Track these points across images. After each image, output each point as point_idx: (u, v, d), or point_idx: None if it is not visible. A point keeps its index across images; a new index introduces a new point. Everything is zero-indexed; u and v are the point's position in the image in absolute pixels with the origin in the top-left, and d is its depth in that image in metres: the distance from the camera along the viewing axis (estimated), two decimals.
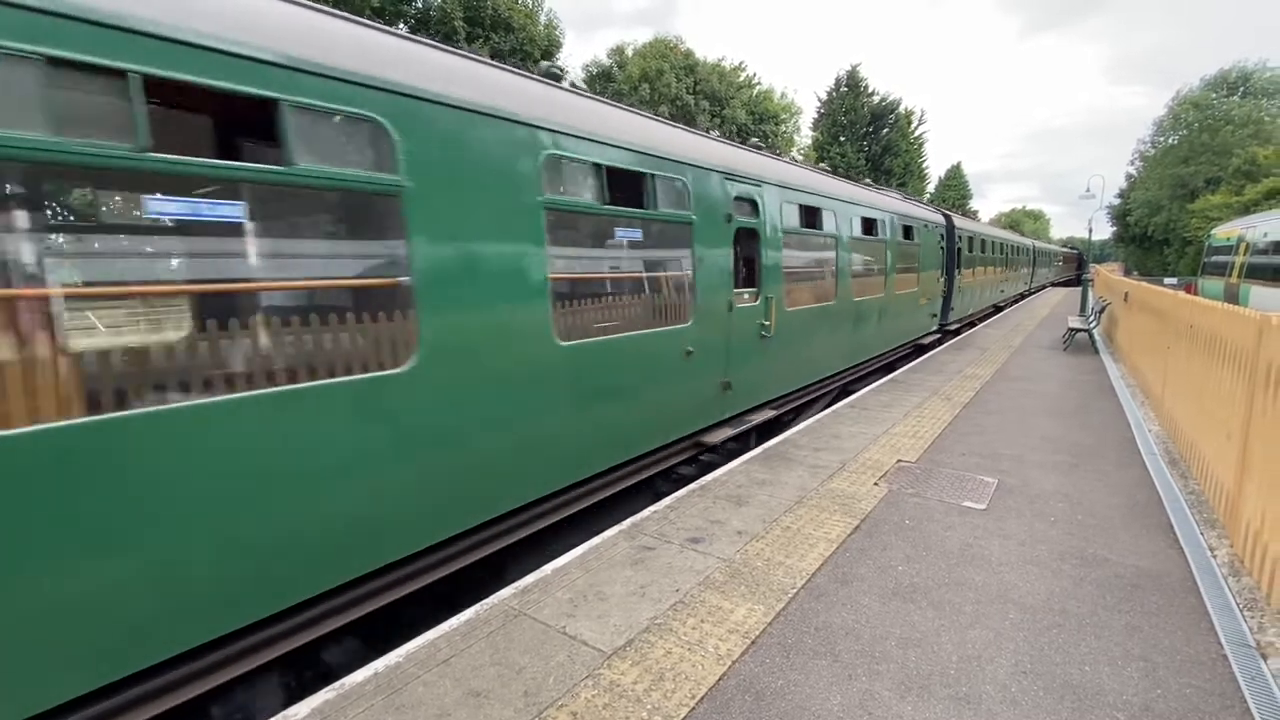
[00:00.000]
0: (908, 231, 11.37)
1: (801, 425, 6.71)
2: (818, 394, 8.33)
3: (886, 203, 10.82)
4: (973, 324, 17.86)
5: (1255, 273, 14.44)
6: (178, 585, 2.47)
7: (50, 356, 2.36)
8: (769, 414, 6.93)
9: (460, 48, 4.02)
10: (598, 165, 4.36)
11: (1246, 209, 27.90)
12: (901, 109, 45.55)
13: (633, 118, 5.21)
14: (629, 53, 29.99)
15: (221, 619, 2.61)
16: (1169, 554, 3.72)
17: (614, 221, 5.03)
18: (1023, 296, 29.41)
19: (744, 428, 6.42)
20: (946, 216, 15.00)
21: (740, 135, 32.49)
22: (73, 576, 2.21)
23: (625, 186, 4.72)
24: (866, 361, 9.97)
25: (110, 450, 2.27)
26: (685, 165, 5.29)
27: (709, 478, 5.14)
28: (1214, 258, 19.48)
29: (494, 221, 3.64)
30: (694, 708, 2.48)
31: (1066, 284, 44.72)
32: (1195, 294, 10.39)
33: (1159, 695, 2.52)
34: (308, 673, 3.17)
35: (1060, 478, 5.02)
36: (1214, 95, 43.28)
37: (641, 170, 4.80)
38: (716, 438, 5.94)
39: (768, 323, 6.56)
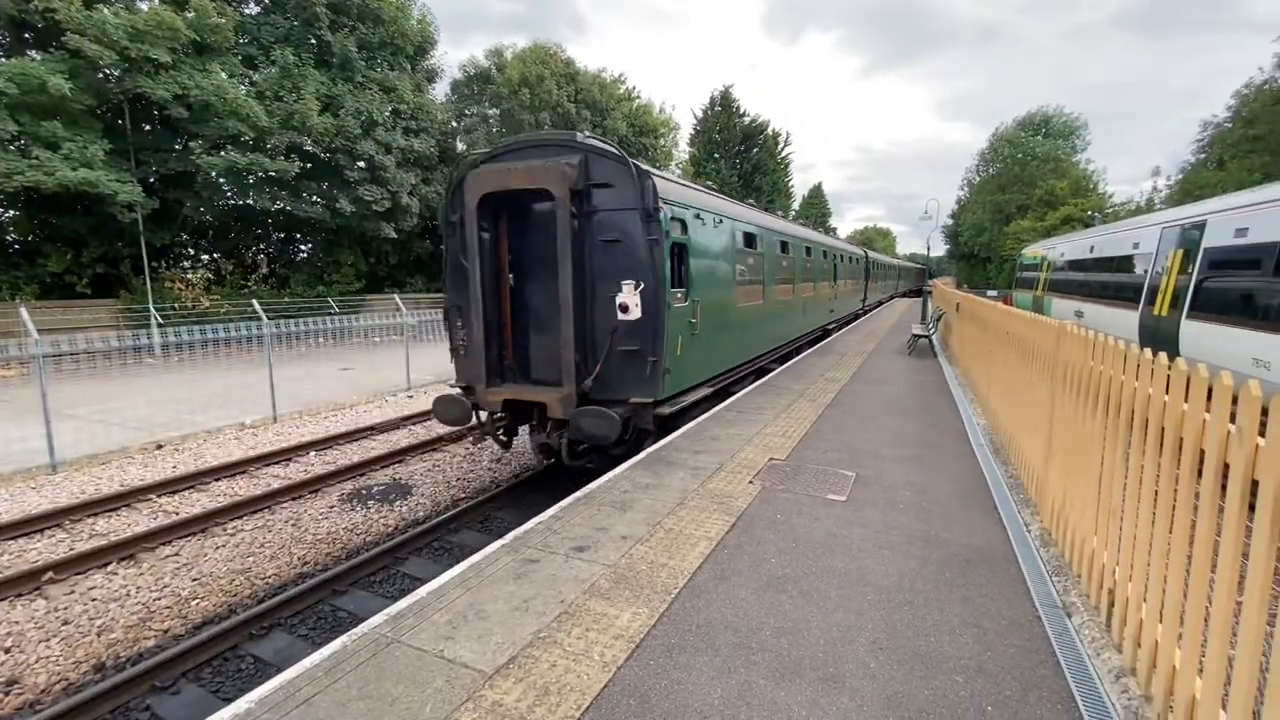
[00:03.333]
0: (856, 260, 24.37)
1: (682, 429, 6.92)
2: (838, 322, 19.95)
3: (851, 249, 24.52)
4: (870, 310, 29.47)
5: (1055, 287, 16.99)
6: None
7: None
8: (858, 316, 24.18)
9: (324, 36, 3.84)
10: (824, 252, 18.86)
11: (1048, 232, 32.82)
12: (770, 130, 48.64)
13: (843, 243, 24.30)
14: (508, 55, 29.40)
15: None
16: (994, 531, 4.25)
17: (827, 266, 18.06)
18: (893, 296, 43.39)
19: (859, 318, 23.93)
20: (865, 252, 28.08)
21: (622, 147, 32.99)
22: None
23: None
24: (847, 314, 21.90)
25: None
26: (861, 256, 25.15)
27: (594, 485, 5.14)
28: (1024, 274, 22.68)
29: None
30: (579, 719, 2.46)
31: (918, 292, 50.27)
32: (1011, 305, 12.03)
33: (989, 657, 2.86)
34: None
35: (908, 469, 5.58)
36: (1023, 134, 50.54)
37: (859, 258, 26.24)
38: (860, 314, 25.13)
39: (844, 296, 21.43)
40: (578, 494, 4.93)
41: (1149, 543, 2.59)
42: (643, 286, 6.10)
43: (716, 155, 47.25)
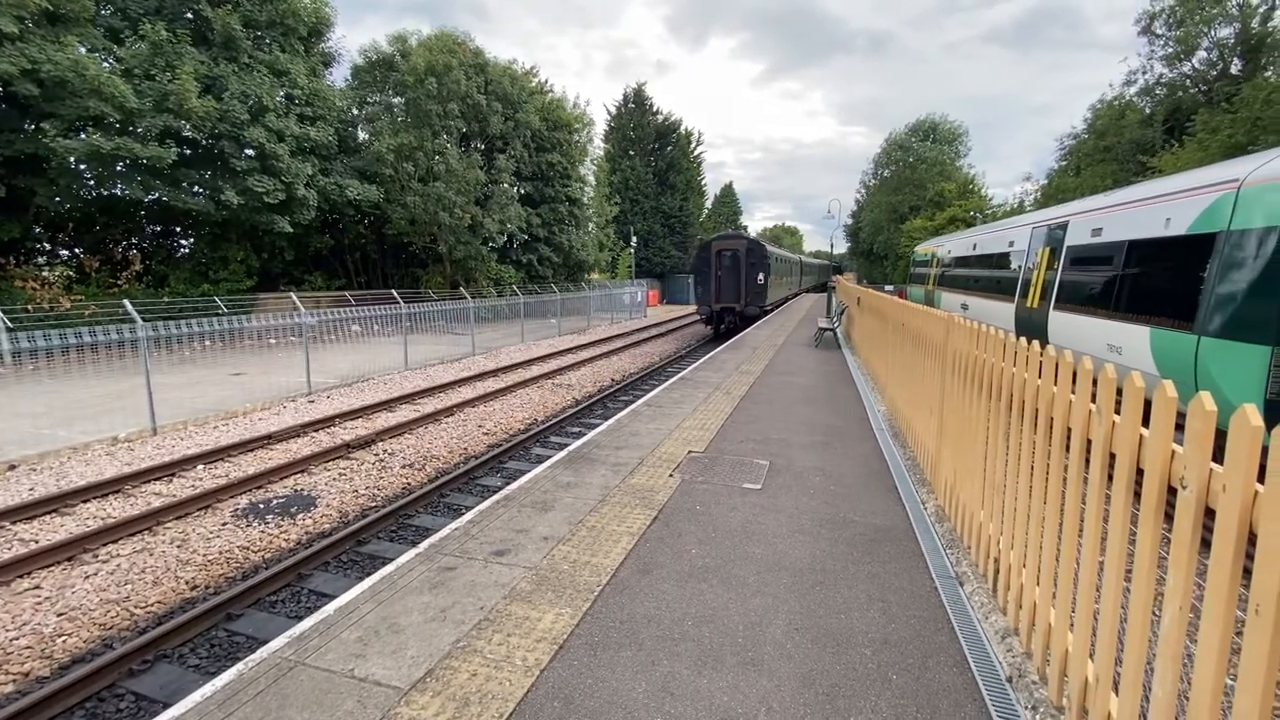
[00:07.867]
0: (800, 265, 44.03)
1: (602, 426, 6.92)
2: (793, 294, 40.54)
3: (796, 256, 43.85)
4: (801, 292, 44.69)
5: (944, 281, 18.36)
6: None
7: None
8: (799, 293, 45.31)
9: (202, 11, 3.48)
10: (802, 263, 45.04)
11: (937, 231, 35.44)
12: (682, 129, 49.45)
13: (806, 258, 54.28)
14: (413, 42, 28.05)
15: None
16: (896, 510, 4.54)
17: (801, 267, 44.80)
18: (814, 288, 55.85)
19: (798, 295, 44.66)
20: (800, 259, 45.89)
21: (535, 141, 32.49)
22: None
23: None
24: (795, 290, 41.05)
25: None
26: (797, 260, 44.80)
27: (513, 486, 5.04)
28: (917, 269, 24.37)
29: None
30: None
31: (824, 288, 53.87)
32: (906, 298, 12.90)
33: (894, 628, 3.05)
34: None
35: (817, 455, 5.86)
36: (914, 139, 54.16)
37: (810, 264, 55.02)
38: (798, 292, 44.30)
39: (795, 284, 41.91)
40: (496, 496, 4.82)
41: (1027, 514, 2.86)
42: (763, 274, 21.74)
43: (631, 152, 47.52)
